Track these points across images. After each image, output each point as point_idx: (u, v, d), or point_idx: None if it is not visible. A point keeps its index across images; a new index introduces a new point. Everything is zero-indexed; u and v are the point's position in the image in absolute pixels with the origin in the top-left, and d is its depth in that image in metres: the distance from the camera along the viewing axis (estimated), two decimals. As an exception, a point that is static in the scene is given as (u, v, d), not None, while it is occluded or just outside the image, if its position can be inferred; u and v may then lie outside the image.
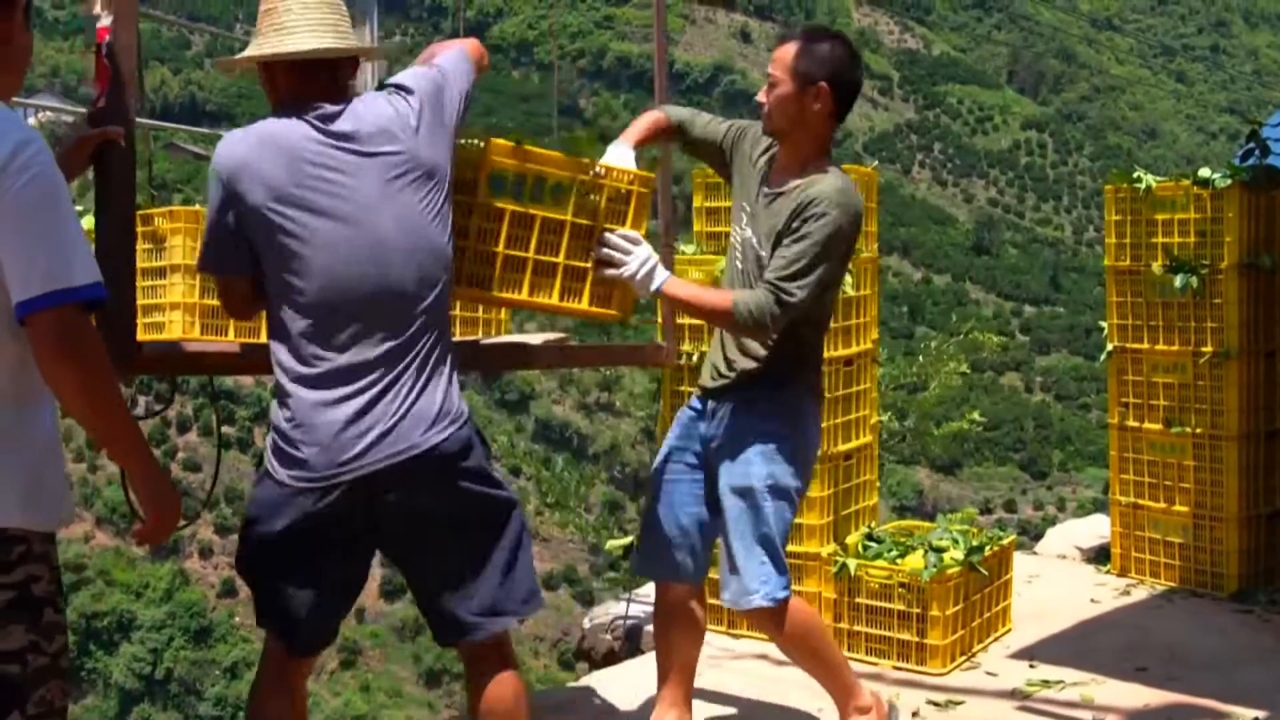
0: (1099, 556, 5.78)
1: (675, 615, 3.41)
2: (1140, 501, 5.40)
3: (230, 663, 48.85)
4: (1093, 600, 5.13)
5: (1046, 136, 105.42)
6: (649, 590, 5.26)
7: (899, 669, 4.29)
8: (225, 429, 55.06)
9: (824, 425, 4.52)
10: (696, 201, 4.97)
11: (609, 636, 5.05)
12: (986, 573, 4.48)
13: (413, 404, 2.57)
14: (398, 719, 45.84)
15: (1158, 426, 5.32)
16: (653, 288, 3.12)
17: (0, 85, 2.23)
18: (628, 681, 4.36)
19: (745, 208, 3.28)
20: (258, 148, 2.56)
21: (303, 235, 2.53)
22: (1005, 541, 4.69)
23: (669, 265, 4.28)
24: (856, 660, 4.38)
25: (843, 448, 4.67)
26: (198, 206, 3.51)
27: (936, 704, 3.96)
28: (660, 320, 4.54)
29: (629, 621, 5.00)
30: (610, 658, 4.89)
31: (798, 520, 4.54)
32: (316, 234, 2.53)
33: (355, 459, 2.52)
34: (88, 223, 2.88)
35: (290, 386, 2.56)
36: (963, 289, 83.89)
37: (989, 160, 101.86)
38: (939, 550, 4.43)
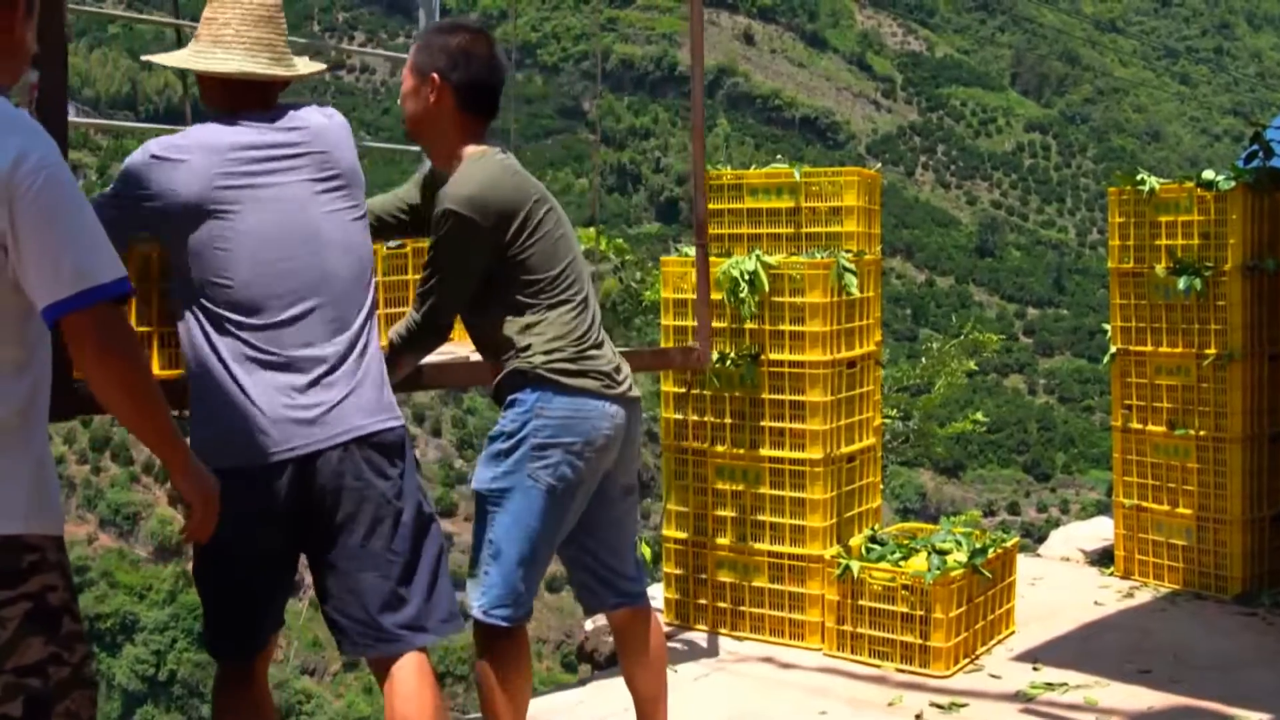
0: (1102, 559, 5.78)
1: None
2: (1144, 504, 5.40)
3: (233, 664, 48.85)
4: (1096, 603, 5.12)
5: (1050, 139, 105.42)
6: (652, 592, 5.26)
7: (902, 671, 4.29)
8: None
9: (827, 427, 4.54)
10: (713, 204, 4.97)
11: (611, 638, 5.05)
12: (990, 575, 4.48)
13: (354, 390, 2.63)
14: (401, 721, 45.76)
15: (1161, 429, 5.31)
16: None
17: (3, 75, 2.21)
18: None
19: None
20: (189, 150, 2.62)
21: (234, 228, 2.58)
22: (1009, 544, 4.69)
23: (704, 264, 4.26)
24: (860, 662, 4.38)
25: (846, 450, 4.67)
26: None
27: (940, 706, 3.95)
28: (666, 322, 4.54)
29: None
30: (613, 659, 4.89)
31: (800, 522, 4.55)
32: (248, 226, 2.59)
33: (299, 439, 2.55)
34: None
35: (231, 372, 2.57)
36: (966, 291, 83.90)
37: (992, 162, 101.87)
38: (942, 553, 4.43)
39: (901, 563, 4.39)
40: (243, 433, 2.55)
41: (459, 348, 3.71)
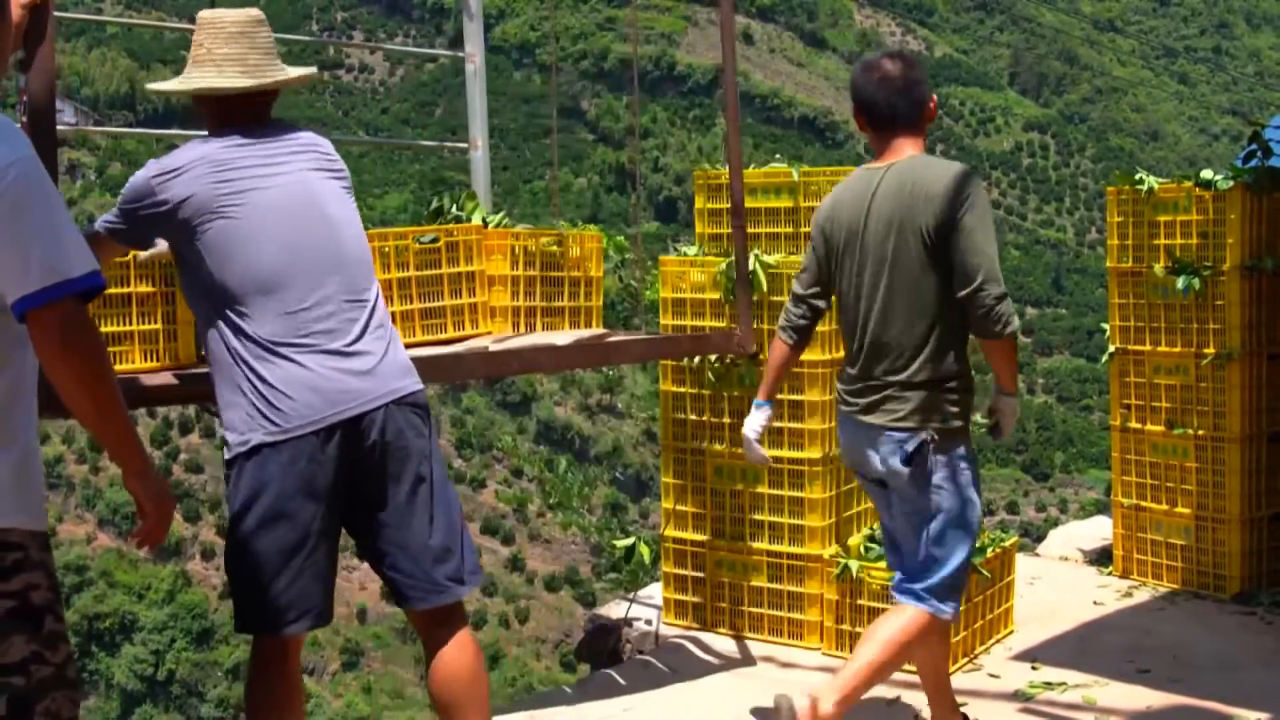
0: (1101, 558, 5.78)
1: None
2: (1142, 503, 5.40)
3: (232, 664, 48.83)
4: (1095, 602, 5.12)
5: (1049, 138, 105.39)
6: (650, 591, 5.27)
7: (901, 670, 4.28)
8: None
9: (826, 426, 4.55)
10: (699, 203, 4.98)
11: (611, 638, 5.05)
12: (989, 574, 4.48)
13: (386, 354, 2.81)
14: (399, 720, 45.82)
15: (1160, 428, 5.32)
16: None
17: None
18: (629, 682, 4.37)
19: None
20: (188, 160, 2.79)
21: (247, 219, 2.75)
22: (1007, 543, 4.69)
23: (742, 244, 4.36)
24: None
25: (845, 449, 4.67)
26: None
27: (938, 706, 3.95)
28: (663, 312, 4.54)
29: (630, 623, 5.00)
30: (614, 658, 4.89)
31: (799, 521, 4.56)
32: (260, 214, 2.76)
33: (344, 402, 2.70)
34: None
35: (266, 349, 2.71)
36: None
37: (991, 162, 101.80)
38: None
39: None
40: (287, 405, 2.68)
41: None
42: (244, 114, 2.90)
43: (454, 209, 4.23)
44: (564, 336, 4.15)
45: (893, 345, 3.21)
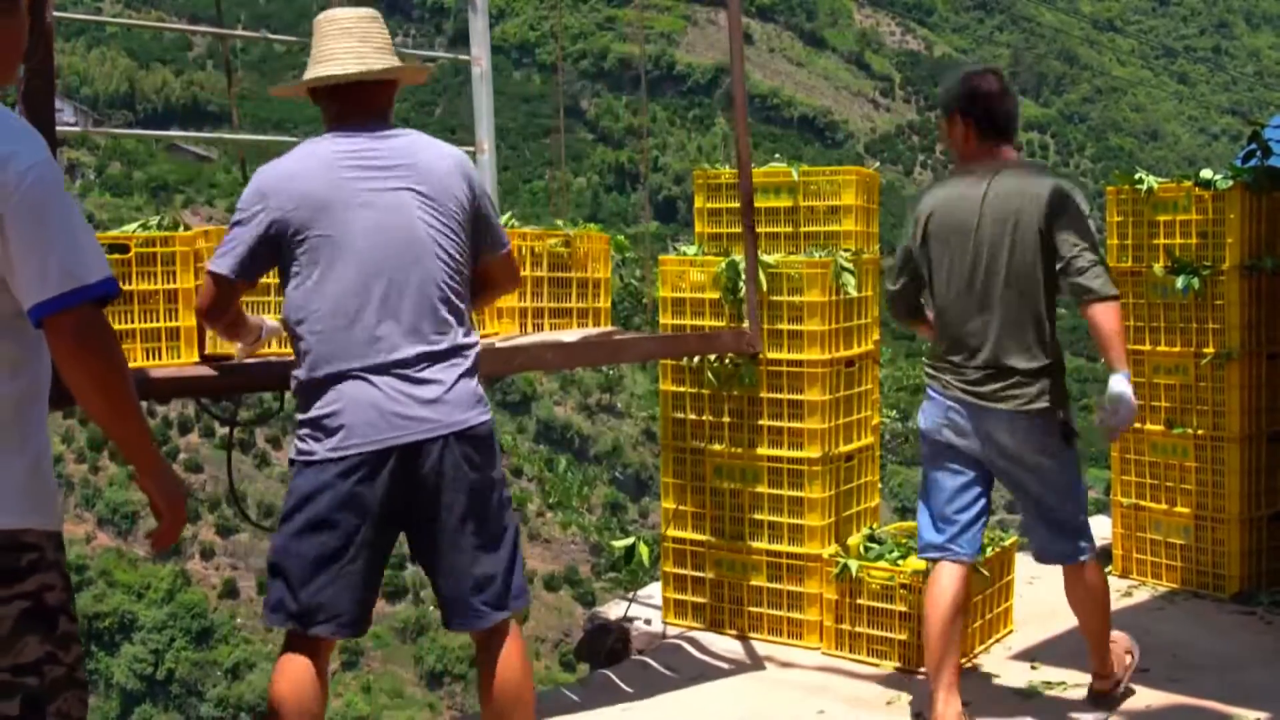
0: (1100, 558, 5.75)
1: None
2: (1141, 503, 5.40)
3: (232, 664, 48.83)
4: (1094, 601, 5.12)
5: (1048, 138, 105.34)
6: (650, 591, 5.27)
7: (901, 670, 4.29)
8: (226, 430, 55.01)
9: (826, 426, 4.55)
10: (698, 202, 4.98)
11: (610, 637, 5.05)
12: (988, 574, 4.48)
13: (455, 384, 2.84)
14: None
15: (1159, 428, 5.31)
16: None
17: None
18: (628, 681, 4.37)
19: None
20: (299, 163, 2.86)
21: (336, 232, 2.79)
22: (1007, 543, 4.69)
23: (752, 242, 4.43)
24: (858, 661, 4.38)
25: (844, 449, 4.67)
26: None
27: (938, 705, 3.95)
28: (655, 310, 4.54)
29: (630, 622, 5.00)
30: (613, 657, 4.89)
31: (798, 521, 4.57)
32: (348, 229, 2.80)
33: (402, 430, 2.76)
34: None
35: (337, 368, 2.79)
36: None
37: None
38: None
39: (900, 562, 4.39)
40: (348, 423, 2.76)
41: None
42: (356, 110, 2.94)
43: None
44: (571, 334, 4.16)
45: (1016, 336, 3.59)
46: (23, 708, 2.06)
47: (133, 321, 3.35)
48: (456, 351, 2.88)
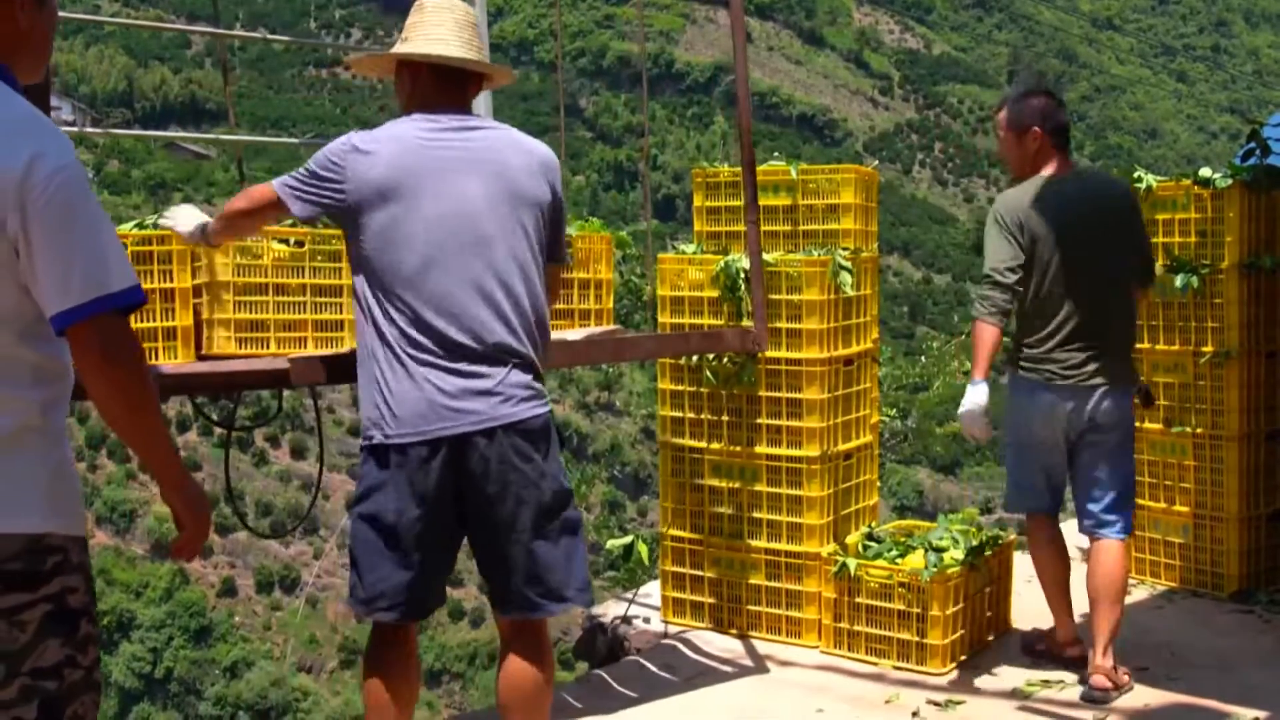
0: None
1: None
2: (1140, 501, 5.38)
3: (230, 662, 48.83)
4: (1093, 600, 5.12)
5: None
6: (649, 590, 5.27)
7: (899, 669, 4.29)
8: (224, 429, 54.96)
9: (824, 424, 4.55)
10: (697, 201, 4.97)
11: (609, 636, 5.04)
12: (987, 572, 4.48)
13: (507, 377, 2.86)
14: (398, 718, 45.78)
15: (1158, 426, 5.31)
16: None
17: (20, 72, 2.18)
18: (626, 680, 4.36)
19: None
20: (381, 141, 2.87)
21: (407, 218, 2.82)
22: (1005, 541, 4.69)
23: (756, 241, 4.45)
24: (857, 660, 4.38)
25: (843, 447, 4.67)
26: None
27: (937, 704, 3.95)
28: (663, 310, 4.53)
29: (629, 621, 5.00)
30: (611, 656, 4.89)
31: (797, 519, 4.56)
32: (420, 216, 2.82)
33: (451, 421, 2.79)
34: None
35: (394, 355, 2.83)
36: (963, 289, 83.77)
37: (990, 160, 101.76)
38: (939, 550, 4.43)
39: (898, 560, 4.39)
40: (402, 412, 2.80)
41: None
42: (445, 98, 2.97)
43: None
44: (575, 333, 4.15)
45: (1113, 320, 4.11)
46: (40, 712, 2.04)
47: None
48: (511, 346, 2.88)
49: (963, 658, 4.36)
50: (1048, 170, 4.16)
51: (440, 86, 2.98)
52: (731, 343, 4.54)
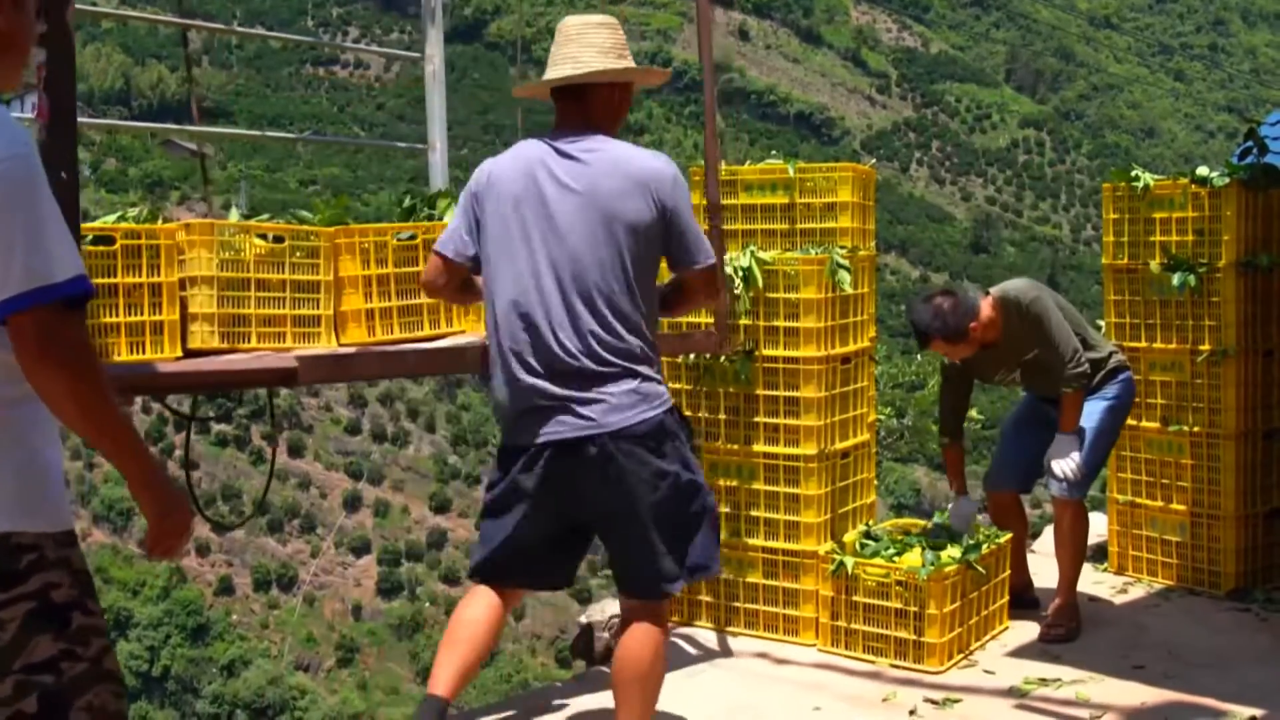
0: (1096, 555, 5.77)
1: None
2: (1137, 500, 5.40)
3: (227, 660, 48.85)
4: (1090, 598, 5.12)
5: (1044, 135, 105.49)
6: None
7: (896, 667, 4.29)
8: (223, 426, 55.01)
9: (822, 423, 4.55)
10: (694, 199, 4.96)
11: (606, 634, 5.04)
12: (984, 570, 4.48)
13: (614, 384, 3.05)
14: (395, 717, 45.81)
15: (1155, 425, 5.32)
16: None
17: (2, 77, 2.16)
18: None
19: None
20: (506, 163, 3.14)
21: (515, 230, 3.06)
22: (1003, 539, 4.69)
23: (719, 244, 4.42)
24: (854, 658, 4.38)
25: (840, 445, 4.67)
26: (211, 219, 3.54)
27: (934, 702, 3.96)
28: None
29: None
30: (608, 655, 4.89)
31: (794, 518, 4.56)
32: (528, 230, 3.05)
33: (559, 427, 3.01)
34: None
35: (506, 361, 3.09)
36: (960, 288, 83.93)
37: (987, 158, 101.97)
38: (937, 548, 4.43)
39: (896, 558, 4.39)
40: (512, 415, 3.08)
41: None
42: (564, 116, 3.16)
43: (426, 208, 4.20)
44: None
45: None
46: (41, 704, 2.01)
47: (117, 315, 3.33)
48: (617, 354, 3.04)
49: (960, 656, 4.37)
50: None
51: (561, 108, 3.18)
52: (700, 344, 4.55)
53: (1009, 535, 4.80)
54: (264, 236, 3.59)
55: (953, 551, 4.40)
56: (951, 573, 4.29)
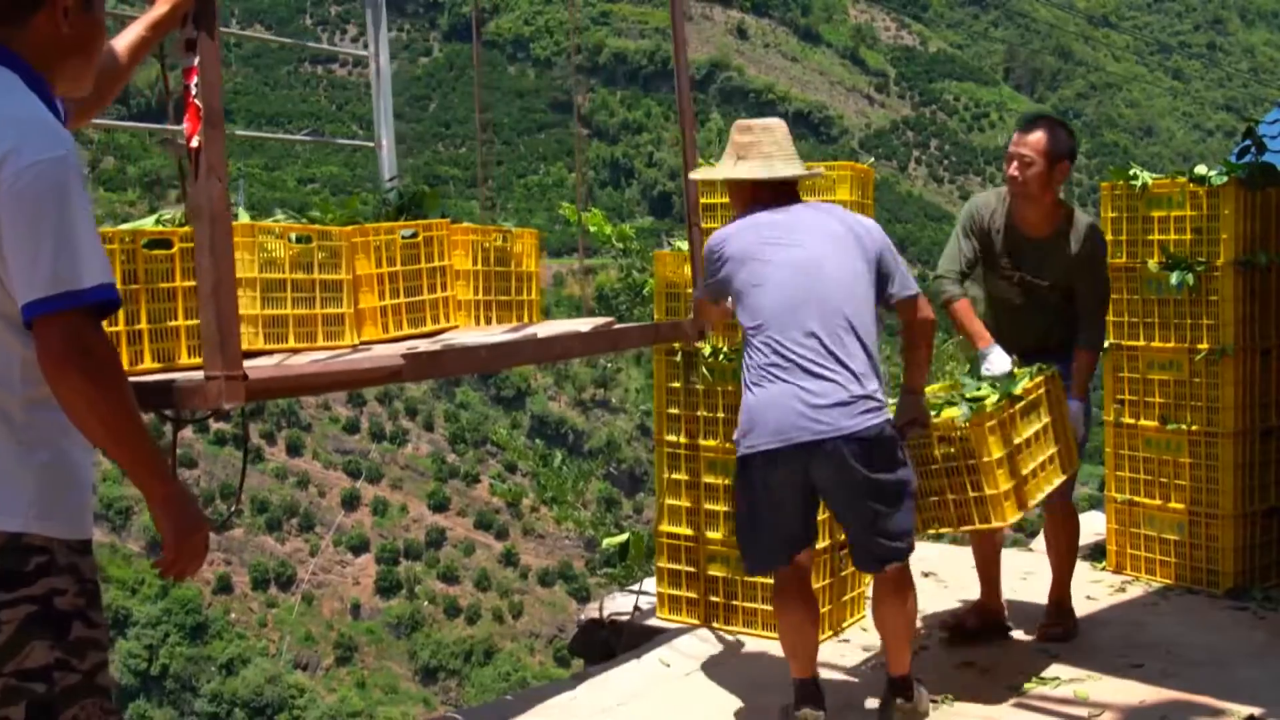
0: (1095, 553, 5.77)
1: None
2: (1136, 498, 5.40)
3: (226, 659, 48.87)
4: (1088, 597, 5.12)
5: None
6: (647, 586, 5.27)
7: (964, 531, 4.11)
8: (222, 425, 54.97)
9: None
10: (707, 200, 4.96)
11: (605, 632, 5.05)
12: (1038, 403, 4.08)
13: (845, 391, 3.53)
14: (394, 715, 45.86)
15: (1153, 423, 5.32)
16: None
17: (62, 79, 2.16)
18: (622, 676, 4.37)
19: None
20: (732, 233, 3.77)
21: (763, 272, 3.63)
22: (1048, 372, 4.21)
23: (699, 243, 4.50)
24: (851, 655, 4.37)
25: (839, 444, 4.65)
26: (249, 220, 3.53)
27: (933, 700, 3.96)
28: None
29: (627, 617, 5.00)
30: (606, 653, 4.89)
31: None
32: (772, 269, 3.63)
33: (801, 432, 3.49)
34: None
35: (760, 377, 3.59)
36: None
37: (985, 157, 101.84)
38: (976, 399, 4.01)
39: (934, 418, 3.94)
40: (763, 424, 3.54)
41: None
42: (775, 196, 3.78)
43: (413, 206, 4.20)
44: (584, 324, 4.16)
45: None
46: (29, 712, 1.99)
47: (176, 319, 3.29)
48: (850, 370, 3.53)
49: (1032, 504, 4.02)
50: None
51: (772, 192, 3.79)
52: (667, 335, 4.58)
53: (1053, 368, 4.32)
54: (294, 238, 3.59)
55: (993, 398, 3.98)
56: (995, 412, 3.91)
